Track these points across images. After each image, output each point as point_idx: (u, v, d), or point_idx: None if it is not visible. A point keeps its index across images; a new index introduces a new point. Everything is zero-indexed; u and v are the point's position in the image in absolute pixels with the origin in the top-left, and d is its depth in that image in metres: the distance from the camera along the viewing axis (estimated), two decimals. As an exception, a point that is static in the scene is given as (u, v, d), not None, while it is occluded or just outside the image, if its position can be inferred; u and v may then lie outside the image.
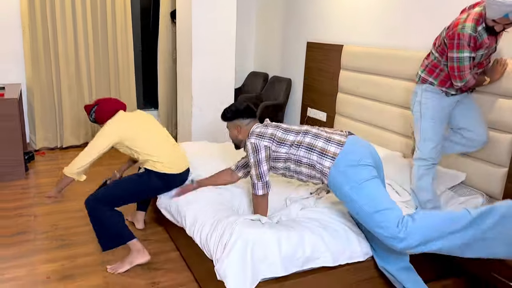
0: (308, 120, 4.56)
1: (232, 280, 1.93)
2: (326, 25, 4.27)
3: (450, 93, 2.57)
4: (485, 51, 2.41)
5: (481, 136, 2.60)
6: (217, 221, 2.20)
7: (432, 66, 2.60)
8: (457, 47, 2.36)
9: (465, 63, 2.37)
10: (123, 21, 4.77)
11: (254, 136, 2.25)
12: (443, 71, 2.54)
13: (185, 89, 4.28)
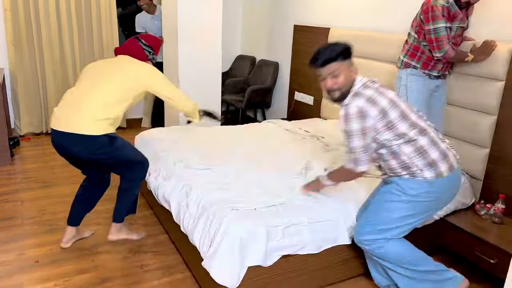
0: (296, 104, 4.58)
1: (220, 274, 1.97)
2: (313, 8, 4.25)
3: (432, 75, 2.63)
4: (460, 24, 2.50)
5: (441, 128, 2.70)
6: (203, 209, 2.22)
7: (413, 50, 2.64)
8: (432, 18, 2.45)
9: (441, 33, 2.45)
10: (107, 3, 4.68)
11: (364, 99, 1.89)
12: (424, 53, 2.60)
13: (171, 73, 4.25)
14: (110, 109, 2.26)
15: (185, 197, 2.39)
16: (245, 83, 5.09)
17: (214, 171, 2.61)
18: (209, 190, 2.34)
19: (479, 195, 2.78)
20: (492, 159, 2.68)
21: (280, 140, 3.36)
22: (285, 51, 4.74)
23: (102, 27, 4.72)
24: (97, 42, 4.74)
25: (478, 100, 2.67)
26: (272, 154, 2.99)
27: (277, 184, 2.48)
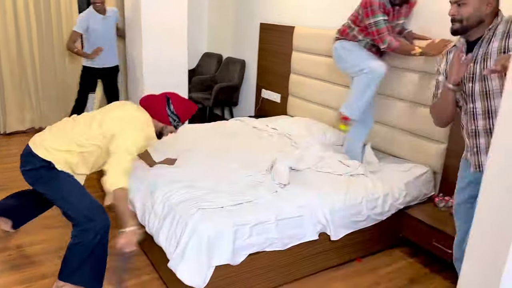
0: (263, 102, 4.60)
1: (187, 275, 1.97)
2: (278, 6, 4.27)
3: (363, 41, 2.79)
4: (400, 20, 2.69)
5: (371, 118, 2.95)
6: (169, 208, 2.20)
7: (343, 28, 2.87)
8: (371, 13, 2.60)
9: (381, 26, 2.59)
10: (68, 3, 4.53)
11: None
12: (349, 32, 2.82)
13: (136, 71, 4.17)
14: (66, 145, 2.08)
15: (150, 197, 2.36)
16: (212, 80, 5.06)
17: (181, 170, 2.59)
18: (175, 190, 2.32)
19: (438, 188, 2.90)
20: (450, 154, 2.80)
21: (248, 138, 3.38)
22: (251, 49, 4.74)
23: (63, 23, 4.55)
24: (58, 39, 4.58)
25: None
26: (239, 152, 2.99)
27: (244, 182, 2.49)
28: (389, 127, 3.12)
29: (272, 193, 2.35)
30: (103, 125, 2.09)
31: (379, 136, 3.18)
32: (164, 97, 2.21)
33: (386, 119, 3.12)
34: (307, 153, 2.96)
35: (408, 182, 2.70)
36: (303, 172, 2.70)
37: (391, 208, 2.59)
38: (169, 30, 4.00)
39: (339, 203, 2.39)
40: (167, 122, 2.20)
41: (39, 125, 4.64)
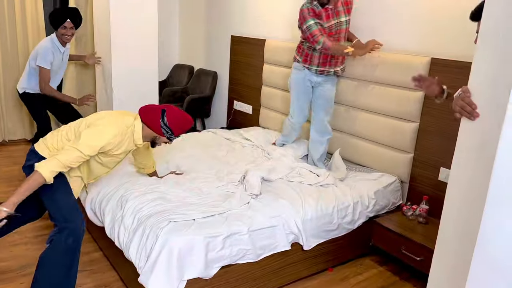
0: (235, 113, 4.61)
1: None
2: (249, 19, 4.33)
3: (312, 69, 3.02)
4: (335, 21, 2.88)
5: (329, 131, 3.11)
6: (139, 221, 2.16)
7: (298, 46, 3.10)
8: (303, 20, 2.85)
9: (313, 29, 2.82)
10: (33, 7, 4.42)
11: None
12: (304, 50, 3.03)
13: (105, 82, 4.10)
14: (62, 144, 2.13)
15: (120, 209, 2.31)
16: (183, 92, 5.04)
17: (151, 182, 2.55)
18: (146, 202, 2.28)
19: (406, 197, 2.98)
20: (416, 163, 2.89)
21: (220, 149, 3.37)
22: (223, 61, 4.76)
23: (28, 29, 4.42)
24: (23, 52, 4.44)
25: (401, 108, 2.87)
26: (211, 164, 2.99)
27: (216, 194, 2.48)
28: (357, 138, 3.20)
29: (244, 204, 2.35)
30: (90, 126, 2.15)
31: (347, 146, 3.25)
32: (160, 108, 2.26)
33: (354, 130, 3.20)
34: (279, 164, 2.98)
35: (377, 190, 2.76)
36: (275, 182, 2.72)
37: (361, 216, 2.65)
38: (139, 42, 3.96)
39: (310, 212, 2.42)
40: (160, 132, 2.25)
41: (3, 138, 4.47)
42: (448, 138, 2.67)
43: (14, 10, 4.30)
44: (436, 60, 2.69)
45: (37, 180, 1.93)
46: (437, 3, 2.70)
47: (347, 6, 2.95)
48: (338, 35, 2.94)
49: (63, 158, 1.98)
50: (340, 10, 2.91)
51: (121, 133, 2.15)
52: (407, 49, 2.91)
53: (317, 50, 2.91)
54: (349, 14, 2.98)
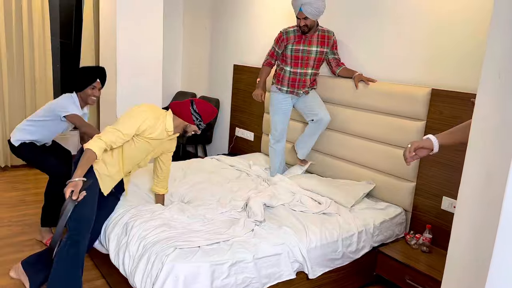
0: (236, 140, 4.66)
1: None
2: (250, 49, 4.44)
3: (283, 89, 3.35)
4: (298, 46, 3.21)
5: (325, 115, 3.27)
6: (144, 248, 2.16)
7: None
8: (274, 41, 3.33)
9: (270, 51, 3.35)
10: (41, 36, 4.52)
11: None
12: (277, 71, 3.39)
13: (109, 109, 4.16)
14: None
15: (125, 236, 2.31)
16: (185, 119, 5.10)
17: (155, 209, 2.56)
18: (151, 228, 2.28)
19: (409, 226, 2.99)
20: (418, 192, 2.91)
21: (223, 175, 3.39)
22: (226, 89, 4.85)
23: (35, 59, 4.51)
24: (29, 74, 4.52)
25: (402, 137, 2.91)
26: (215, 190, 3.00)
27: (220, 221, 2.48)
28: (359, 165, 3.23)
29: (249, 232, 2.36)
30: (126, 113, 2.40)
31: (348, 173, 3.28)
32: (188, 100, 2.52)
33: (355, 158, 3.24)
34: (279, 190, 3.00)
35: (383, 221, 2.78)
36: (277, 208, 2.73)
37: (365, 245, 2.64)
38: (144, 70, 4.05)
39: (315, 240, 2.42)
40: (190, 120, 2.48)
41: (5, 163, 4.48)
42: (450, 167, 2.71)
43: (22, 42, 4.40)
44: (436, 91, 2.76)
45: (91, 157, 2.19)
46: (438, 34, 2.80)
47: (323, 39, 3.24)
48: (306, 61, 3.26)
49: (106, 138, 2.24)
50: (313, 41, 3.21)
51: (154, 117, 2.41)
52: (407, 80, 2.99)
53: (286, 71, 3.28)
54: (323, 46, 3.25)
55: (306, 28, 3.12)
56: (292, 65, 3.27)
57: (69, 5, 5.05)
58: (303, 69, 3.27)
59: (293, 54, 3.24)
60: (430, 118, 2.80)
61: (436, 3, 2.78)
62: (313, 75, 3.35)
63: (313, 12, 3.00)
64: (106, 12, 4.10)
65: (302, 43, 3.20)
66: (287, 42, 3.23)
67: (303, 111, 3.41)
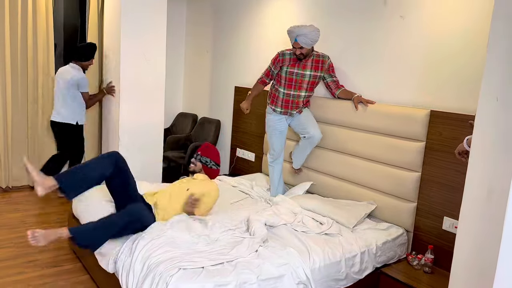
0: (237, 160, 4.69)
1: None
2: (251, 71, 4.52)
3: (277, 110, 3.46)
4: (293, 69, 3.32)
5: (316, 133, 3.37)
6: (148, 269, 2.16)
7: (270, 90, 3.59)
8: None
9: (266, 69, 3.50)
10: (45, 58, 4.60)
11: None
12: (272, 91, 3.51)
13: (112, 130, 4.20)
14: None
15: (129, 255, 2.31)
16: (187, 139, 5.14)
17: (159, 229, 2.56)
18: (155, 248, 2.29)
19: (410, 246, 3.00)
20: (419, 212, 2.94)
21: (226, 196, 3.41)
22: (227, 110, 4.92)
23: (39, 82, 4.57)
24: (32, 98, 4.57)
25: (402, 158, 2.95)
26: (218, 210, 3.01)
27: (224, 241, 2.49)
28: (359, 186, 3.26)
29: (252, 252, 2.36)
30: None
31: (349, 194, 3.30)
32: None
33: (355, 178, 3.27)
34: (281, 209, 3.02)
35: (385, 242, 2.80)
36: (279, 229, 2.74)
37: (368, 266, 2.65)
38: (147, 92, 4.12)
39: (318, 261, 2.42)
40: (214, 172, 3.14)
41: (6, 184, 4.48)
42: (451, 187, 2.74)
43: (27, 57, 4.48)
44: (435, 113, 2.81)
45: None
46: (436, 57, 2.88)
47: (317, 64, 3.34)
48: (300, 84, 3.36)
49: None
50: (308, 65, 3.32)
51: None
52: (406, 102, 3.05)
53: (280, 93, 3.40)
54: (316, 70, 3.35)
55: (302, 56, 3.26)
56: (286, 86, 3.38)
57: (73, 28, 5.16)
58: (297, 91, 3.37)
59: (287, 76, 3.36)
60: (430, 139, 2.85)
61: (434, 26, 2.88)
62: (306, 97, 3.45)
63: (307, 42, 3.14)
64: (109, 35, 4.19)
65: (297, 67, 3.32)
66: (283, 64, 3.36)
67: (296, 129, 3.52)
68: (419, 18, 2.95)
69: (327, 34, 3.62)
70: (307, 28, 3.09)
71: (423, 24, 2.93)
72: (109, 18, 4.19)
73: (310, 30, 3.10)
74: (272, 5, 4.24)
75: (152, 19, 4.04)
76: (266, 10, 4.32)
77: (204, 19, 5.30)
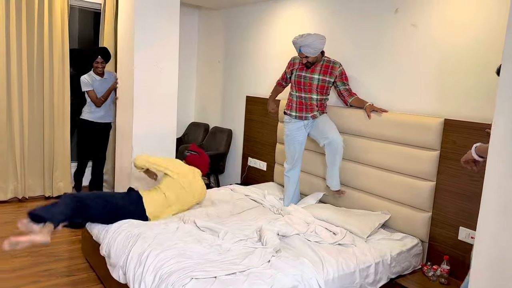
0: (249, 169, 4.69)
1: None
2: (263, 80, 4.54)
3: (292, 115, 3.47)
4: (301, 73, 3.39)
5: (334, 137, 3.28)
6: (160, 279, 2.16)
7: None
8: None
9: (282, 73, 3.63)
10: (60, 69, 4.68)
11: None
12: (289, 97, 3.54)
13: (125, 139, 4.24)
14: None
15: (140, 266, 2.32)
16: (198, 149, 5.17)
17: (172, 239, 2.57)
18: (166, 258, 2.29)
19: (426, 257, 2.95)
20: (434, 222, 2.89)
21: (238, 205, 3.41)
22: (238, 119, 4.94)
23: (54, 94, 4.65)
24: (48, 109, 4.65)
25: (417, 167, 2.92)
26: (230, 220, 3.01)
27: (237, 251, 2.48)
28: (373, 196, 3.23)
29: (265, 262, 2.35)
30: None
31: (362, 203, 3.27)
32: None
33: (369, 187, 3.24)
34: (294, 219, 3.00)
35: (400, 252, 2.76)
36: (292, 239, 2.72)
37: (382, 277, 2.61)
38: (160, 103, 4.16)
39: (332, 271, 2.40)
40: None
41: (22, 195, 4.55)
42: (466, 196, 2.70)
43: (43, 71, 4.57)
44: (449, 121, 2.78)
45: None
46: (449, 65, 2.85)
47: (326, 69, 3.36)
48: (309, 87, 3.38)
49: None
50: (316, 69, 3.36)
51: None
52: (419, 110, 3.03)
53: (293, 96, 3.47)
54: (325, 75, 3.35)
55: (309, 64, 3.31)
56: (297, 89, 3.44)
57: (88, 39, 5.26)
58: (308, 94, 3.39)
59: (295, 79, 3.43)
60: (444, 147, 2.82)
61: (447, 33, 2.86)
62: (319, 100, 3.41)
63: (311, 51, 3.17)
64: (123, 45, 4.26)
65: (305, 70, 3.39)
66: (293, 68, 3.45)
67: (315, 137, 3.46)
68: (431, 26, 2.94)
69: (338, 41, 3.62)
70: (310, 38, 3.11)
71: (436, 32, 2.92)
72: (122, 28, 4.25)
73: (312, 40, 3.11)
74: (283, 14, 4.27)
75: (165, 28, 4.09)
76: (277, 20, 4.34)
77: (215, 30, 5.36)
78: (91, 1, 4.88)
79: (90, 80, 4.49)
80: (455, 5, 2.80)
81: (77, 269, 3.09)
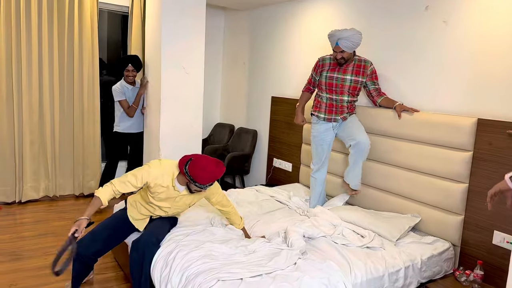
0: (274, 170, 4.67)
1: None
2: (288, 81, 4.51)
3: (321, 116, 3.39)
4: (332, 74, 3.28)
5: (362, 138, 3.22)
6: (186, 280, 2.17)
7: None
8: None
9: (308, 78, 3.51)
10: (90, 71, 4.80)
11: None
12: (316, 98, 3.46)
13: (153, 141, 4.31)
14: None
15: (167, 267, 2.33)
16: (224, 149, 5.19)
17: (198, 240, 2.58)
18: (193, 260, 2.30)
19: (458, 261, 2.85)
20: (467, 226, 2.79)
21: (263, 206, 3.39)
22: (263, 120, 4.92)
23: (84, 95, 4.78)
24: (78, 111, 4.77)
25: (448, 169, 2.83)
26: (256, 221, 3.00)
27: (262, 252, 2.47)
28: (403, 198, 3.15)
29: (291, 265, 2.32)
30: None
31: (392, 206, 3.19)
32: (190, 157, 2.45)
33: (399, 190, 3.16)
34: (320, 221, 2.96)
35: (431, 256, 2.68)
36: (318, 241, 2.68)
37: (412, 281, 2.54)
38: (186, 106, 4.21)
39: (360, 275, 2.35)
40: (187, 179, 2.44)
41: (53, 193, 4.69)
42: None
43: (73, 73, 4.69)
44: (482, 121, 2.68)
45: (96, 203, 2.39)
46: (482, 61, 2.75)
47: (358, 68, 3.25)
48: (341, 89, 3.28)
49: (114, 188, 2.43)
50: (348, 69, 3.25)
51: (161, 174, 2.48)
52: (451, 110, 2.93)
53: (323, 98, 3.36)
54: (357, 75, 3.25)
55: (343, 60, 3.17)
56: (327, 91, 3.32)
57: (116, 46, 5.37)
58: (339, 96, 3.29)
59: (327, 81, 3.30)
60: (478, 148, 2.71)
61: (479, 30, 2.75)
62: (350, 102, 3.33)
63: (349, 45, 3.05)
64: (151, 54, 4.32)
65: (337, 71, 3.26)
66: (323, 69, 3.32)
67: (343, 138, 3.40)
68: (463, 23, 2.84)
69: (366, 40, 3.56)
70: (348, 32, 3.02)
71: (467, 29, 2.82)
72: (150, 31, 4.32)
73: (352, 33, 3.02)
74: (308, 13, 4.23)
75: (192, 30, 4.13)
76: (302, 20, 4.31)
77: (240, 30, 5.37)
78: (119, 4, 4.97)
79: (121, 89, 4.42)
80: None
81: (105, 267, 3.14)
